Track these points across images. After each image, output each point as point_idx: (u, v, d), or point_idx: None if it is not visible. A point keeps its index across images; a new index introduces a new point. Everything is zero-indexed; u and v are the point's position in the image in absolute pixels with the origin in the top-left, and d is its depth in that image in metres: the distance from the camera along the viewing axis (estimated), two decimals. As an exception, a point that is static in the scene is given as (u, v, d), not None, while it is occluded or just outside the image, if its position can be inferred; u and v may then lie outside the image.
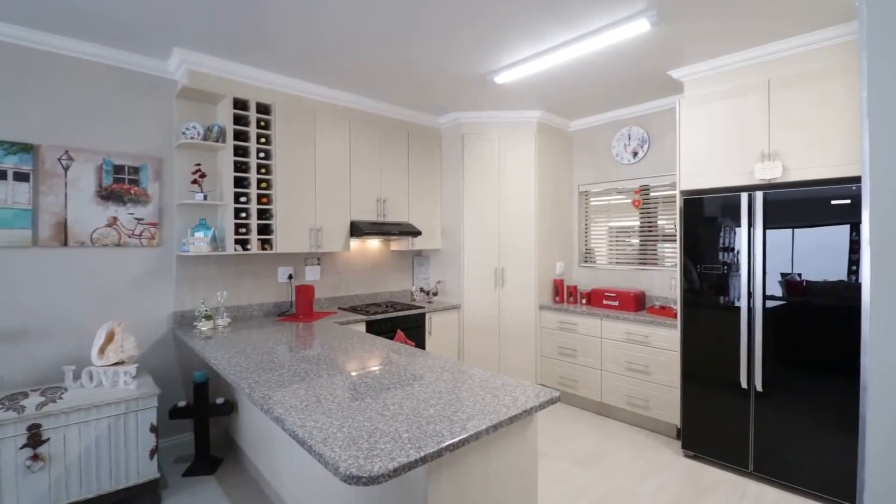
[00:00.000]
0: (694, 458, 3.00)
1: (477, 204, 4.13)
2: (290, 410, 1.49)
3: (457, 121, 4.17)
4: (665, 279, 3.83)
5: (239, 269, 3.35)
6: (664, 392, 3.27)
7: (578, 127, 4.45)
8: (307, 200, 3.39)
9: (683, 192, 3.14)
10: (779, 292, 2.64)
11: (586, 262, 4.47)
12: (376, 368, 2.01)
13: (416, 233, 3.87)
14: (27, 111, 2.59)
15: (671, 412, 3.24)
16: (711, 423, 2.89)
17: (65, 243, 2.70)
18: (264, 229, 3.23)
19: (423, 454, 1.18)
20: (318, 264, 3.78)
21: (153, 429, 2.46)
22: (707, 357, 2.91)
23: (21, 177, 2.58)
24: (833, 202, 2.45)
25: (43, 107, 2.64)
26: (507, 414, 1.46)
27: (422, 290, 4.26)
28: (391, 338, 3.54)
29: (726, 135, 2.93)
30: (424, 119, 4.22)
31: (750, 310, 2.73)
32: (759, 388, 2.69)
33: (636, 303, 3.66)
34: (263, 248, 3.21)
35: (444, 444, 1.24)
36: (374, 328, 3.45)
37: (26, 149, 2.59)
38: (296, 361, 2.12)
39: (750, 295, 2.73)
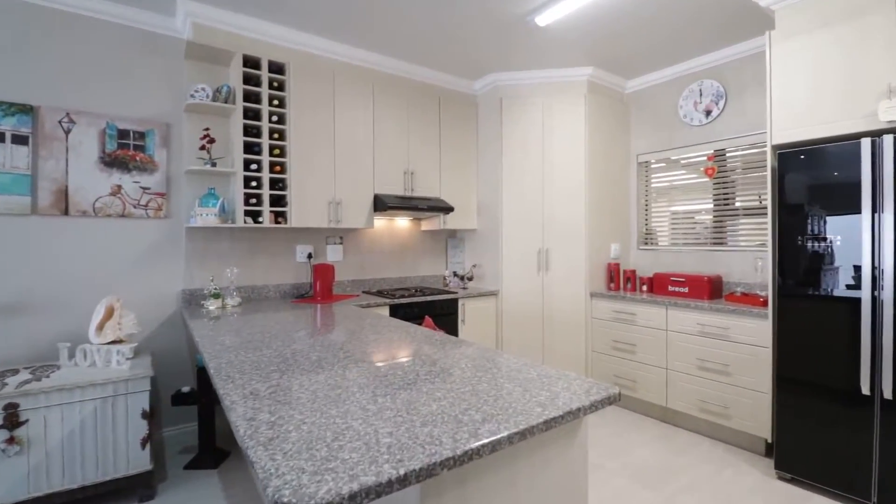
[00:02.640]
0: (791, 481, 2.36)
1: (517, 178, 3.64)
2: (250, 398, 1.11)
3: (494, 84, 3.70)
4: (747, 261, 3.16)
5: (253, 245, 3.08)
6: (749, 397, 2.65)
7: (637, 87, 3.84)
8: (325, 170, 3.06)
9: (777, 148, 2.51)
10: (920, 269, 1.97)
11: (646, 243, 3.85)
12: (377, 351, 1.61)
13: (447, 209, 3.45)
14: (26, 70, 2.42)
15: (758, 422, 2.61)
16: (816, 437, 2.25)
17: (65, 212, 2.51)
18: (278, 201, 2.93)
19: (402, 472, 0.75)
20: (341, 244, 3.45)
21: (145, 415, 2.20)
22: (811, 355, 2.28)
23: (20, 140, 2.41)
24: None
25: (43, 66, 2.46)
26: (543, 416, 1.00)
27: (455, 274, 3.83)
28: (418, 325, 3.14)
29: (836, 71, 2.27)
30: (457, 83, 3.79)
31: (875, 297, 2.08)
32: (887, 395, 2.04)
33: (711, 289, 3.04)
34: (277, 222, 2.91)
35: (437, 459, 0.80)
36: (398, 313, 3.07)
37: (25, 110, 2.42)
38: (288, 342, 1.77)
39: (875, 276, 2.08)
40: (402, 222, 3.80)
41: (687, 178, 3.58)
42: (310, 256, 3.27)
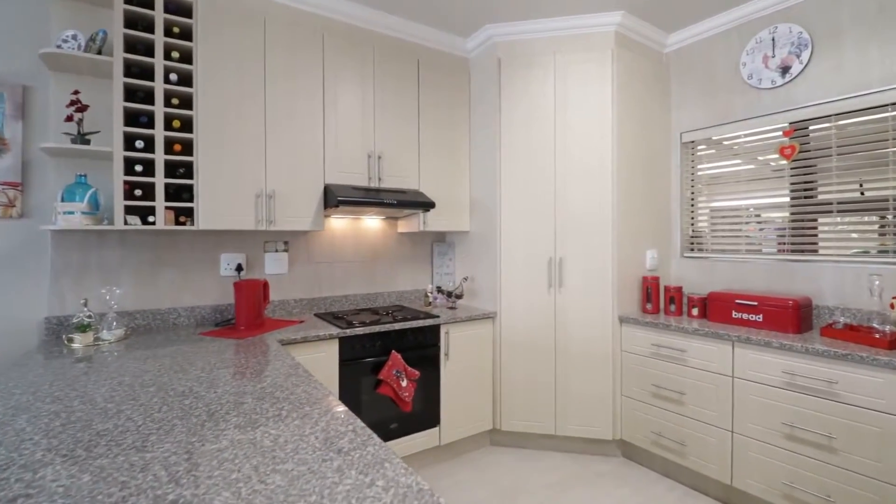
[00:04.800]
0: None
1: (522, 165, 2.76)
2: None
3: (490, 40, 2.82)
4: (848, 277, 2.22)
5: (157, 255, 2.27)
6: (871, 489, 1.72)
7: (681, 42, 2.91)
8: (252, 151, 2.23)
9: (927, 103, 1.58)
10: None
11: (692, 249, 2.92)
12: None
13: (426, 205, 2.59)
14: None
15: (890, 532, 1.68)
16: None
17: None
18: (180, 193, 2.11)
19: None
20: (286, 251, 2.62)
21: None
22: None
23: None
24: None
25: None
26: None
27: (439, 290, 2.97)
28: (380, 364, 2.29)
29: None
30: (442, 40, 2.92)
31: None
32: None
33: (797, 317, 2.11)
34: (179, 223, 2.09)
35: None
36: (352, 348, 2.22)
37: None
38: (64, 442, 0.93)
39: None
40: (372, 222, 2.95)
41: (737, 163, 2.64)
42: (240, 269, 2.44)
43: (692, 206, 2.94)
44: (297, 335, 2.07)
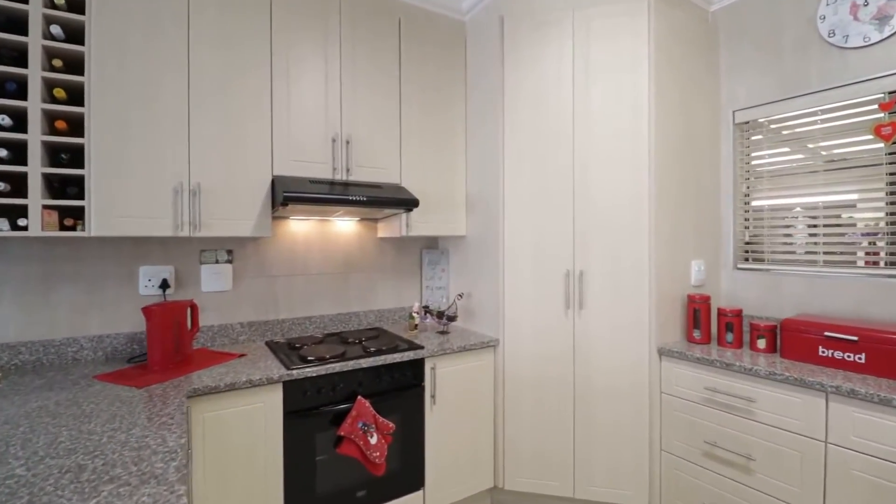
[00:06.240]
0: None
1: (531, 156, 2.18)
2: None
3: (492, -5, 2.25)
4: (985, 302, 1.60)
5: (51, 268, 1.74)
6: None
7: (734, -3, 2.31)
8: (168, 131, 1.68)
9: None
10: None
11: (748, 259, 2.31)
12: None
13: (407, 202, 2.02)
14: None
15: None
16: None
17: None
18: (65, 187, 1.58)
19: None
20: (230, 261, 2.07)
21: None
22: None
23: None
24: None
25: None
26: None
27: (427, 310, 2.39)
28: (342, 414, 1.73)
29: None
30: None
31: None
32: None
33: (921, 360, 1.50)
34: (65, 227, 1.55)
35: None
36: (303, 395, 1.66)
37: None
38: None
39: None
40: (345, 225, 2.39)
41: (809, 148, 2.03)
42: (165, 286, 1.90)
43: (747, 203, 2.33)
44: (222, 381, 1.52)
